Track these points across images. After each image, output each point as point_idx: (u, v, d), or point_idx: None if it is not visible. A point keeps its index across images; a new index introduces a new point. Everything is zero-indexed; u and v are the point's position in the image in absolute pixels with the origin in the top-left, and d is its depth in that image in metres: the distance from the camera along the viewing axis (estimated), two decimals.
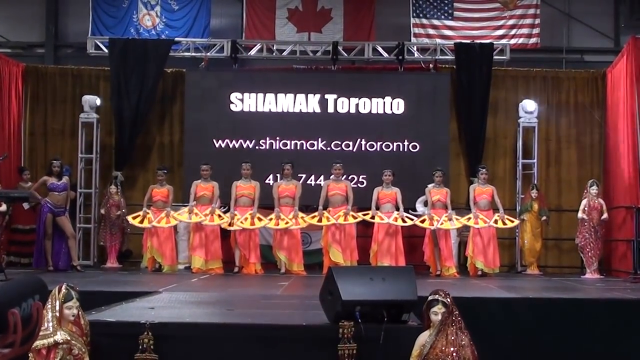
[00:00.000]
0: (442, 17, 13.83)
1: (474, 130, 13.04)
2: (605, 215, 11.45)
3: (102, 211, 12.39)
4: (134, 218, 11.56)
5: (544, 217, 12.19)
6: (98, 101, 13.04)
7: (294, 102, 13.14)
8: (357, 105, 13.09)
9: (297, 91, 13.17)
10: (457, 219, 11.26)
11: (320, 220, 11.12)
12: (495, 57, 13.12)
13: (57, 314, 4.63)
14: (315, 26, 13.81)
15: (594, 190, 11.44)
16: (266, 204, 11.43)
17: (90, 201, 13.08)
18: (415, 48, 13.47)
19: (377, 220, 11.21)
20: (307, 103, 13.13)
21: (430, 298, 4.79)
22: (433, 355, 4.53)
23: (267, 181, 12.27)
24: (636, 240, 11.04)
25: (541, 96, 13.45)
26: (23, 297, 2.65)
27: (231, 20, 14.13)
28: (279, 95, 13.16)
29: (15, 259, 12.29)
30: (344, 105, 13.10)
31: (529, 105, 12.95)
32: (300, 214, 11.16)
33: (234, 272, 11.10)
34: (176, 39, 13.43)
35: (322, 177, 12.48)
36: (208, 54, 13.24)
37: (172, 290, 8.06)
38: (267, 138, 13.03)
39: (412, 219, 11.33)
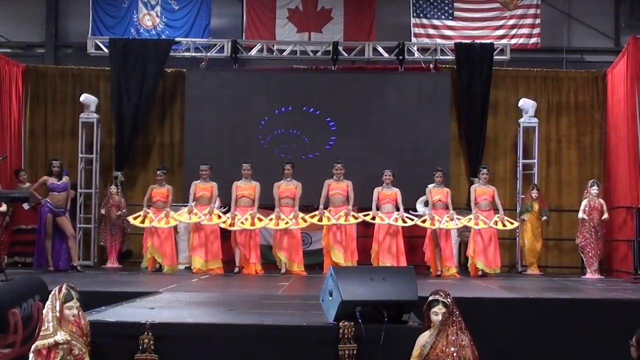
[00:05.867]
0: (443, 17, 13.83)
1: (474, 130, 13.04)
2: (605, 216, 11.44)
3: (103, 211, 12.39)
4: (134, 218, 11.56)
5: (545, 217, 12.18)
6: (93, 105, 12.98)
7: (294, 102, 13.14)
8: (357, 105, 13.09)
9: (297, 91, 13.17)
10: (458, 219, 11.26)
11: (320, 220, 11.12)
12: (495, 57, 13.13)
13: (58, 314, 4.63)
14: (316, 26, 13.82)
15: (594, 190, 11.44)
16: (266, 204, 11.42)
17: (90, 201, 13.07)
18: (415, 48, 13.47)
19: (377, 220, 11.21)
20: (307, 103, 13.12)
21: (430, 298, 4.79)
22: (433, 355, 4.53)
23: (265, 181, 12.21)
24: (636, 240, 11.04)
25: (541, 96, 13.45)
26: (23, 297, 2.65)
27: (231, 20, 14.13)
28: (278, 95, 13.16)
29: (20, 259, 12.30)
30: (344, 105, 13.09)
31: (529, 105, 12.95)
32: (301, 214, 11.15)
33: (234, 272, 11.10)
34: (176, 39, 13.42)
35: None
36: (208, 54, 13.23)
37: (172, 291, 8.06)
38: (267, 138, 13.03)
39: (412, 219, 11.33)
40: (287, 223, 11.01)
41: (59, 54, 14.40)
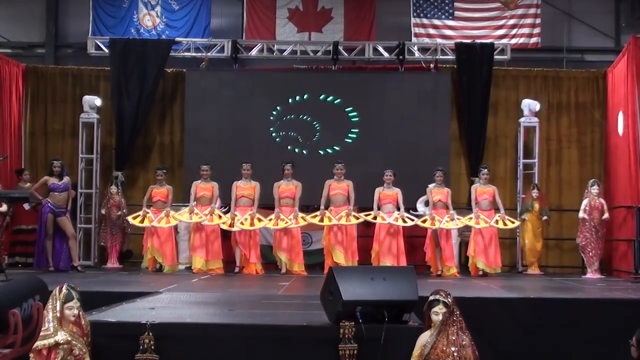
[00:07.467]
0: (443, 16, 13.83)
1: (475, 130, 13.03)
2: (606, 215, 11.44)
3: (103, 211, 12.39)
4: (134, 218, 11.56)
5: (545, 217, 12.17)
6: (98, 101, 13.00)
7: (294, 102, 13.13)
8: (357, 105, 13.09)
9: (297, 91, 13.17)
10: (458, 219, 11.26)
11: (321, 220, 11.12)
12: (495, 56, 13.13)
13: (58, 314, 4.63)
14: (316, 26, 13.82)
15: (594, 189, 11.43)
16: (266, 204, 11.42)
17: (90, 201, 13.07)
18: (415, 48, 13.47)
19: (378, 220, 11.20)
20: (307, 103, 13.12)
21: (431, 298, 4.78)
22: (434, 355, 4.53)
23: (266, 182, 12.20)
24: (637, 240, 11.02)
25: (542, 96, 13.43)
26: (23, 297, 2.65)
27: (231, 20, 14.13)
28: (278, 95, 13.16)
29: (21, 259, 12.30)
30: (345, 105, 13.09)
31: (529, 105, 12.95)
32: (301, 214, 11.15)
33: (235, 272, 11.10)
34: (177, 39, 13.43)
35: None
36: (208, 54, 13.23)
37: (172, 291, 8.06)
38: (268, 137, 13.03)
39: (412, 219, 11.33)
40: (286, 223, 11.01)
41: (59, 54, 14.41)
